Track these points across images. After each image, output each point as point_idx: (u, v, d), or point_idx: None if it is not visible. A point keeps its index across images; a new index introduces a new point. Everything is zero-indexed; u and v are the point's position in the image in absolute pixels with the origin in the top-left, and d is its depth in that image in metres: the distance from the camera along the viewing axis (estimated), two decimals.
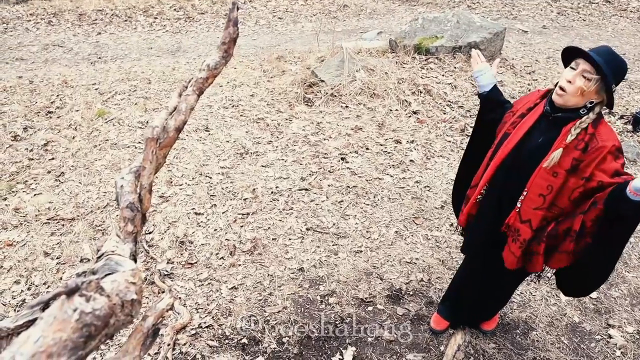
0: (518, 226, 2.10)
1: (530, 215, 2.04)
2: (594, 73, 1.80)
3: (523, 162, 2.04)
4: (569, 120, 1.91)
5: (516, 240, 2.12)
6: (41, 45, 7.88)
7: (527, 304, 3.11)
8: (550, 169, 1.92)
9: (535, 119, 2.03)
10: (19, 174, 4.14)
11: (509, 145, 2.08)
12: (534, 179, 1.99)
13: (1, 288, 3.08)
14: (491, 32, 6.37)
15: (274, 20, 9.29)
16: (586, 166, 1.87)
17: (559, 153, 1.88)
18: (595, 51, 1.84)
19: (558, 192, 1.95)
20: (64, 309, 0.80)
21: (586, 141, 1.86)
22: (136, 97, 5.45)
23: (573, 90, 1.84)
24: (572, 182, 1.91)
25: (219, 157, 4.41)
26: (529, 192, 2.01)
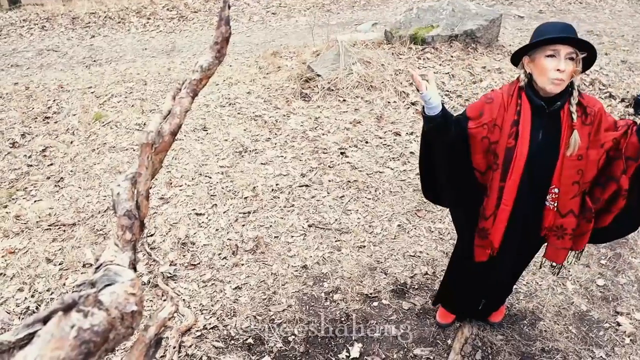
0: (560, 222, 2.07)
1: (570, 206, 2.03)
2: (578, 53, 1.83)
3: (537, 165, 1.99)
4: (562, 105, 1.92)
5: (563, 236, 2.10)
6: (35, 51, 7.85)
7: (533, 294, 3.09)
8: (574, 155, 1.93)
9: (530, 119, 1.96)
10: (18, 181, 4.13)
11: (521, 157, 1.97)
12: (562, 172, 1.97)
13: (5, 296, 3.06)
14: (487, 19, 6.32)
15: (268, 15, 9.24)
16: (596, 133, 1.94)
17: (576, 134, 1.90)
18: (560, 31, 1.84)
19: (586, 170, 1.98)
20: (61, 326, 0.78)
21: (588, 113, 1.92)
22: (133, 99, 5.42)
23: (568, 75, 1.84)
24: (594, 154, 1.95)
25: (218, 157, 4.39)
26: (561, 186, 2.00)
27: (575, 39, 1.81)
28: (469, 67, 5.84)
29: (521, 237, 2.19)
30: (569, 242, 2.11)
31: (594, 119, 1.92)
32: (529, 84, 1.95)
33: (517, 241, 2.20)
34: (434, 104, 1.93)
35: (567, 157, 1.93)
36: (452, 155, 2.11)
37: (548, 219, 2.07)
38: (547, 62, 1.83)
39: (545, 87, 1.87)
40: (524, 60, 1.95)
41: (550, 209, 2.05)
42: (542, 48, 1.84)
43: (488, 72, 5.78)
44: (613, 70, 5.99)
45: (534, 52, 1.88)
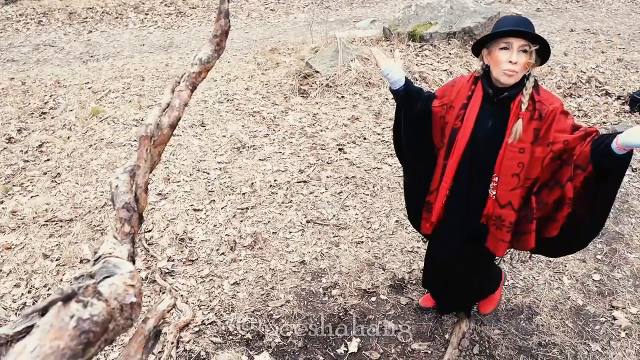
0: (499, 212, 2.09)
1: (508, 197, 2.04)
2: (530, 45, 1.85)
3: (482, 150, 2.04)
4: (515, 97, 1.94)
5: (501, 227, 2.11)
6: (32, 46, 7.81)
7: (530, 289, 3.10)
8: (515, 147, 1.95)
9: (479, 105, 2.02)
10: (14, 177, 4.11)
11: (463, 139, 2.05)
12: (502, 161, 1.99)
13: (1, 292, 3.06)
14: (485, 16, 6.33)
15: (266, 12, 9.22)
16: (546, 132, 1.92)
17: (520, 124, 1.92)
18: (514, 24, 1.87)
19: (529, 166, 1.97)
20: (61, 316, 0.78)
21: (538, 108, 1.91)
22: (130, 95, 5.40)
23: (521, 67, 1.87)
24: (539, 151, 1.95)
25: (216, 152, 4.38)
26: (500, 175, 2.02)
27: (525, 31, 1.84)
28: (466, 64, 5.84)
29: (462, 218, 2.23)
30: (507, 235, 2.12)
31: (546, 117, 1.91)
32: (485, 74, 2.01)
33: (458, 222, 2.25)
34: (394, 79, 2.13)
35: (509, 147, 1.96)
36: (415, 126, 2.25)
37: (488, 206, 2.11)
38: (500, 54, 1.88)
39: (499, 78, 1.92)
40: (483, 53, 2.00)
41: (491, 196, 2.08)
42: (497, 41, 1.89)
43: None
44: (609, 68, 6.00)
45: (490, 45, 1.93)
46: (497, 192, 2.05)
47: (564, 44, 6.83)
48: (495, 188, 2.05)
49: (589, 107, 5.19)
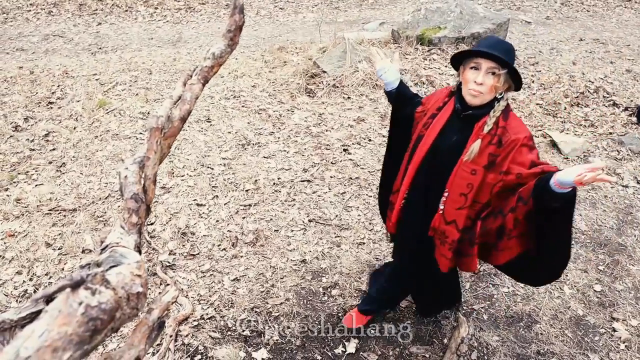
0: (444, 228, 2.09)
1: (454, 215, 2.04)
2: (500, 68, 1.82)
3: (440, 162, 2.04)
4: (481, 117, 1.92)
5: (444, 243, 2.12)
6: (41, 36, 7.83)
7: (530, 297, 3.10)
8: (468, 167, 1.93)
9: (447, 118, 2.03)
10: (20, 165, 4.12)
11: (424, 147, 2.07)
12: (454, 178, 1.99)
13: (3, 278, 3.07)
14: (494, 22, 6.32)
15: (276, 10, 9.22)
16: (502, 160, 1.89)
17: (477, 144, 1.89)
18: (488, 46, 1.84)
19: (479, 189, 1.96)
20: (69, 302, 0.79)
21: (499, 135, 1.88)
22: (137, 88, 5.41)
23: (487, 89, 1.85)
24: (491, 177, 1.92)
25: (221, 148, 4.39)
26: (450, 192, 2.02)
27: (493, 54, 1.80)
28: None
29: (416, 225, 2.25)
30: (449, 253, 2.13)
31: (505, 145, 1.87)
32: (459, 90, 2.00)
33: (412, 227, 2.28)
34: (387, 80, 2.21)
35: (462, 165, 1.95)
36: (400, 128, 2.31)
37: (436, 219, 2.12)
38: (469, 74, 1.88)
39: (465, 96, 1.93)
40: (461, 69, 1.98)
41: (439, 210, 2.09)
42: (469, 60, 1.88)
43: None
44: (618, 79, 5.99)
45: (465, 63, 1.92)
46: (444, 207, 2.05)
47: (573, 53, 6.82)
48: (444, 203, 2.05)
49: (596, 117, 5.19)
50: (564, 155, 4.62)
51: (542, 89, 5.66)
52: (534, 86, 5.70)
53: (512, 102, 5.41)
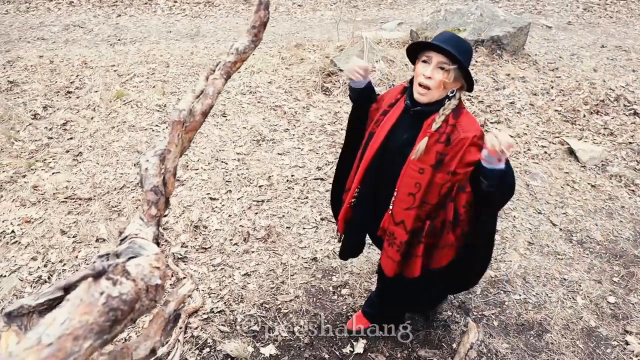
0: (393, 229, 2.03)
1: (402, 216, 1.98)
2: (450, 63, 1.77)
3: (390, 160, 1.99)
4: (431, 114, 1.87)
5: (393, 244, 2.05)
6: (62, 26, 7.91)
7: (542, 306, 3.07)
8: (416, 165, 1.89)
9: (398, 115, 1.98)
10: (38, 152, 4.17)
11: (374, 145, 2.02)
12: (402, 178, 1.94)
13: (19, 264, 3.11)
14: (515, 26, 6.26)
15: (294, 7, 9.22)
16: (451, 159, 1.84)
17: (424, 142, 1.85)
18: (441, 40, 1.80)
19: (427, 189, 1.90)
20: (91, 291, 0.79)
21: (448, 133, 1.83)
22: (154, 80, 5.45)
23: (435, 84, 1.80)
24: (439, 177, 1.87)
25: (235, 143, 4.40)
26: (398, 192, 1.97)
27: (442, 48, 1.75)
28: (492, 73, 5.79)
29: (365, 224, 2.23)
30: (397, 255, 2.06)
31: (454, 144, 1.82)
32: (411, 86, 1.95)
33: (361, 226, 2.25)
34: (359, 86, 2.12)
35: (410, 164, 1.90)
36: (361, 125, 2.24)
37: (385, 219, 2.06)
38: (419, 67, 1.85)
39: (414, 91, 1.88)
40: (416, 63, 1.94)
41: (389, 210, 2.03)
42: (421, 53, 1.84)
43: (512, 79, 5.73)
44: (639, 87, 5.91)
45: (419, 56, 1.88)
46: (393, 207, 2.00)
47: (594, 60, 6.73)
48: (393, 202, 2.00)
49: (616, 126, 5.12)
50: (581, 163, 4.57)
51: (561, 95, 5.60)
52: (553, 92, 5.64)
53: (529, 107, 5.36)
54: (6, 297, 2.90)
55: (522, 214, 3.89)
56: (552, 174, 4.42)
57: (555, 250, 3.56)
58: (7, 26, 7.84)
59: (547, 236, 3.68)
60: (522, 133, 4.98)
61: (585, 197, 4.16)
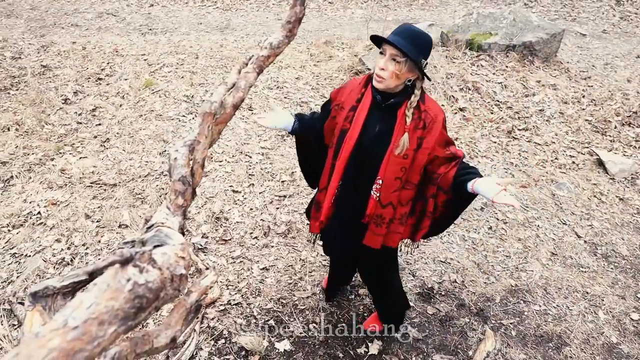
0: (380, 212, 2.16)
1: (390, 198, 2.12)
2: (401, 56, 1.87)
3: (368, 153, 2.08)
4: (401, 104, 2.00)
5: (380, 224, 2.19)
6: (96, 13, 8.04)
7: (562, 318, 3.01)
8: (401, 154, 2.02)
9: (368, 109, 2.06)
10: (67, 137, 4.25)
11: (350, 141, 2.08)
12: (387, 166, 2.05)
13: (43, 244, 3.17)
14: (548, 32, 6.15)
15: (325, 4, 9.21)
16: (428, 141, 2.01)
17: (407, 137, 1.99)
18: (397, 33, 1.89)
19: (410, 170, 2.06)
20: (118, 277, 0.80)
21: (423, 119, 1.99)
22: (183, 71, 5.50)
23: (388, 74, 1.91)
24: (420, 157, 2.03)
25: (260, 137, 4.42)
26: (384, 179, 2.07)
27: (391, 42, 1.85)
28: (523, 79, 5.70)
29: (348, 218, 2.28)
30: (384, 230, 2.21)
31: (430, 127, 1.99)
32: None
33: (345, 221, 2.30)
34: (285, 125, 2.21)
35: (395, 154, 2.02)
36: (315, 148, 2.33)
37: (370, 207, 2.15)
38: (378, 60, 1.95)
39: (373, 81, 2.00)
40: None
41: (374, 198, 2.13)
42: (382, 44, 1.93)
43: (542, 86, 5.63)
44: None
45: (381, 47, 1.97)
46: (380, 194, 2.11)
47: (628, 70, 6.57)
48: (379, 190, 2.10)
49: None
50: (610, 175, 4.47)
51: (593, 104, 5.48)
52: (584, 101, 5.52)
53: (559, 115, 5.26)
54: (29, 276, 2.97)
55: (546, 224, 3.82)
56: (579, 185, 4.33)
57: (579, 262, 3.49)
58: (43, 12, 8.00)
59: (571, 247, 3.61)
60: (550, 141, 4.89)
61: (612, 210, 4.07)
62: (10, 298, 2.83)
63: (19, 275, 2.98)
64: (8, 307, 2.79)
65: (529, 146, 4.81)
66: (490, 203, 1.83)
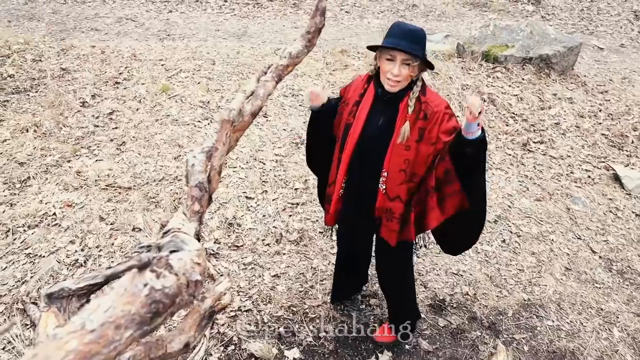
0: (389, 205, 2.20)
1: (397, 191, 2.16)
2: (413, 60, 1.94)
3: (372, 146, 2.14)
4: (403, 97, 2.05)
5: (392, 219, 2.22)
6: (115, 18, 8.15)
7: (576, 334, 2.97)
8: (402, 145, 2.06)
9: (371, 103, 2.12)
10: (84, 139, 4.30)
11: (354, 134, 2.15)
12: (390, 158, 2.10)
13: (58, 245, 3.20)
14: (565, 46, 6.11)
15: (341, 13, 9.24)
16: (430, 131, 2.04)
17: (407, 125, 2.04)
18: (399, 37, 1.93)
19: (414, 162, 2.10)
20: (135, 282, 0.81)
21: (424, 110, 2.03)
22: (199, 77, 5.54)
23: (404, 78, 1.99)
24: (424, 149, 2.07)
25: (275, 144, 4.44)
26: (389, 171, 2.13)
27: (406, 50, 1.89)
28: (539, 92, 5.66)
29: (356, 211, 2.33)
30: (397, 226, 2.23)
31: (431, 117, 2.03)
32: (377, 74, 2.12)
33: (353, 214, 2.36)
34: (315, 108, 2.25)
35: (396, 144, 2.07)
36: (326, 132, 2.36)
37: (379, 199, 2.21)
38: (385, 65, 1.99)
39: (384, 85, 2.05)
40: (377, 54, 2.09)
41: (381, 191, 2.18)
42: (384, 50, 1.98)
43: (558, 100, 5.59)
44: None
45: (381, 51, 2.02)
46: (386, 186, 2.16)
47: None
48: (385, 182, 2.16)
49: None
50: (626, 190, 4.41)
51: (610, 119, 5.43)
52: (601, 115, 5.47)
53: (575, 129, 5.22)
54: (43, 277, 3.00)
55: (560, 238, 3.78)
56: (594, 199, 4.28)
57: (594, 278, 3.44)
58: (64, 15, 8.13)
59: (586, 263, 3.56)
60: (565, 155, 4.85)
61: (628, 226, 4.01)
62: (24, 298, 2.86)
63: (33, 276, 3.01)
64: (21, 307, 2.82)
65: (544, 159, 4.77)
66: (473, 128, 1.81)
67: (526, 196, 4.20)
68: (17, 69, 5.50)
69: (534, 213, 4.02)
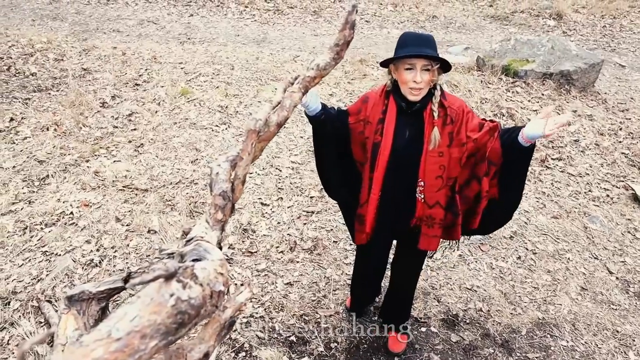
0: (429, 212, 2.22)
1: (436, 198, 2.18)
2: (432, 64, 1.96)
3: (404, 159, 2.14)
4: (426, 106, 2.07)
5: (432, 225, 2.25)
6: (137, 20, 8.25)
7: (590, 356, 2.92)
8: (435, 152, 2.08)
9: (395, 118, 2.12)
10: (102, 140, 4.35)
11: (385, 151, 2.14)
12: (425, 167, 2.12)
13: (74, 245, 3.23)
14: (587, 62, 6.05)
15: (361, 23, 9.26)
16: (458, 133, 2.07)
17: (436, 131, 2.06)
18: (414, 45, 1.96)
19: (449, 167, 2.12)
20: (162, 292, 0.81)
21: (449, 114, 2.06)
22: (218, 81, 5.58)
23: (425, 84, 2.00)
24: (456, 152, 2.09)
25: (291, 152, 4.44)
26: (425, 180, 2.14)
27: (426, 55, 1.92)
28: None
29: (392, 225, 2.35)
30: (438, 231, 2.26)
31: (456, 119, 2.06)
32: (395, 88, 2.12)
33: (389, 228, 2.38)
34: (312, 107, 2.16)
35: (429, 153, 2.08)
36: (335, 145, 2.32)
37: (418, 209, 2.23)
38: (405, 74, 1.99)
39: (406, 95, 2.05)
40: (391, 68, 2.10)
41: (419, 200, 2.20)
42: (401, 61, 1.99)
43: (578, 116, 5.53)
44: None
45: (397, 63, 2.03)
46: (425, 195, 2.18)
47: None
48: (422, 192, 2.18)
49: None
50: None
51: (630, 138, 5.36)
52: (621, 134, 5.40)
53: (594, 147, 5.15)
54: (59, 275, 3.03)
55: (577, 257, 3.72)
56: (612, 219, 4.22)
57: (610, 299, 3.38)
58: (87, 16, 8.26)
59: (602, 283, 3.50)
60: (584, 173, 4.79)
61: None
62: (39, 295, 2.88)
63: (48, 274, 3.04)
64: (36, 304, 2.84)
65: (562, 176, 4.71)
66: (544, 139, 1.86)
67: (543, 213, 4.15)
68: (39, 67, 5.59)
69: (551, 230, 3.97)
